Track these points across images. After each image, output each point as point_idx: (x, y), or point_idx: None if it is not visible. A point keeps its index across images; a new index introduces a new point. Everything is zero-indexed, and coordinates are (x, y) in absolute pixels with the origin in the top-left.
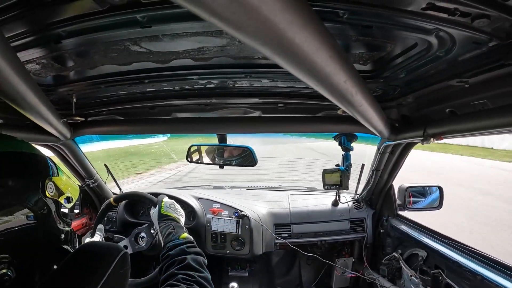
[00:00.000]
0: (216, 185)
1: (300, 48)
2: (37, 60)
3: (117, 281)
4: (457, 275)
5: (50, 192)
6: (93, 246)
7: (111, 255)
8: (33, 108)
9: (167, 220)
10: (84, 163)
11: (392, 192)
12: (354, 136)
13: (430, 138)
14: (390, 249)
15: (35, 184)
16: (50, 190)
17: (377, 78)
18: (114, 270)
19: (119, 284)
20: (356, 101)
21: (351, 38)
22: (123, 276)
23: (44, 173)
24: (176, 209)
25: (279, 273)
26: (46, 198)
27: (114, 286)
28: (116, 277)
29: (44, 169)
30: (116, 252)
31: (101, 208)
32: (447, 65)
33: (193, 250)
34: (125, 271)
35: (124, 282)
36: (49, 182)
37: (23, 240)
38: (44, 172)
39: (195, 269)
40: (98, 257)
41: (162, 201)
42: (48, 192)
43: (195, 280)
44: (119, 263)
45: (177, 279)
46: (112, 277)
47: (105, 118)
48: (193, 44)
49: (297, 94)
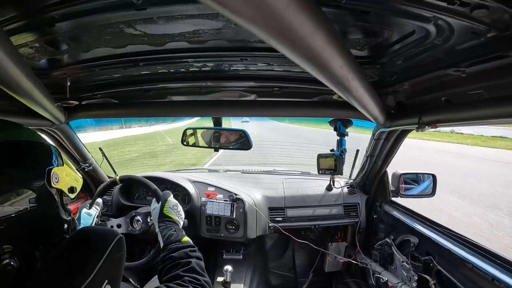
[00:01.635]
0: (211, 169)
1: (297, 32)
2: (30, 44)
3: (114, 265)
4: (448, 262)
5: (55, 182)
6: (90, 231)
7: (107, 240)
8: (26, 93)
9: (167, 221)
10: (79, 147)
11: (386, 178)
12: (350, 121)
13: (425, 126)
14: (382, 235)
15: (41, 173)
16: (55, 180)
17: (374, 64)
18: (110, 254)
19: (115, 268)
20: (352, 86)
21: (348, 23)
22: (119, 260)
23: (49, 163)
24: (179, 212)
25: (273, 257)
26: (51, 188)
27: (111, 270)
28: (113, 261)
29: (50, 159)
30: (112, 237)
31: (104, 183)
32: (444, 54)
33: (196, 255)
34: (121, 255)
35: (120, 266)
36: (54, 172)
37: (27, 230)
38: (50, 161)
39: (199, 273)
40: (95, 242)
41: (167, 200)
42: (53, 181)
43: (200, 283)
44: (115, 247)
45: (184, 281)
46: (108, 261)
47: (100, 102)
48: (189, 27)
49: (293, 78)
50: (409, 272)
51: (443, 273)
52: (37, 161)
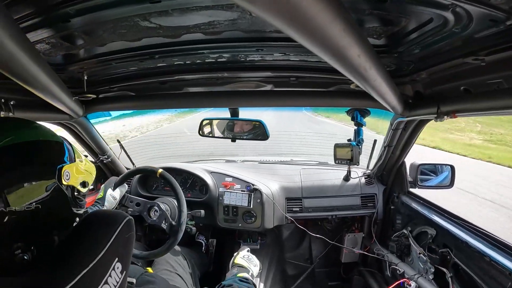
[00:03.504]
0: (228, 159)
1: (314, 21)
2: (46, 40)
3: (123, 244)
4: (465, 255)
5: (66, 179)
6: (101, 213)
7: (116, 221)
8: (44, 88)
9: (236, 266)
10: (97, 140)
11: (403, 168)
12: (367, 111)
13: (443, 116)
14: (399, 226)
15: (51, 172)
16: (66, 177)
17: (391, 53)
18: (119, 234)
19: (125, 248)
20: (370, 75)
21: (365, 12)
22: (128, 241)
23: (60, 160)
24: (251, 259)
25: (289, 247)
26: (61, 185)
27: (121, 249)
28: (122, 242)
29: (60, 156)
30: (122, 218)
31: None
32: (462, 42)
33: (243, 284)
34: (130, 236)
35: (129, 246)
36: (66, 170)
37: (39, 226)
38: (60, 159)
39: None
40: (105, 223)
41: (239, 253)
42: (64, 179)
43: None
44: (124, 228)
45: None
46: (118, 240)
47: (117, 95)
48: (204, 18)
49: (309, 67)
50: (425, 264)
51: (460, 266)
52: (48, 160)
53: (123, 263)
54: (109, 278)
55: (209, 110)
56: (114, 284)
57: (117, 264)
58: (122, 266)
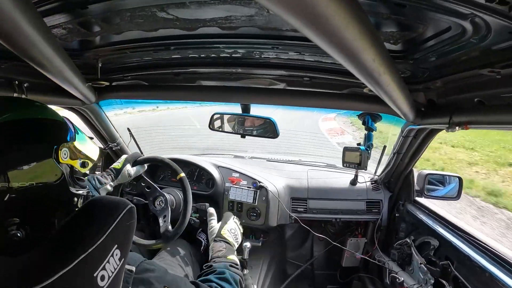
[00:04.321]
0: (237, 155)
1: (331, 22)
2: (63, 25)
3: (123, 232)
4: (466, 269)
5: (64, 158)
6: (103, 199)
7: (118, 208)
8: (59, 72)
9: (222, 241)
10: (107, 127)
11: (411, 177)
12: (379, 116)
13: (455, 126)
14: (403, 234)
15: (48, 150)
16: (63, 156)
17: (407, 59)
18: (120, 222)
19: (125, 235)
20: (384, 80)
21: (383, 16)
22: (128, 229)
23: (58, 139)
24: (236, 235)
25: (291, 246)
26: (59, 164)
27: (121, 236)
28: (122, 229)
29: (59, 134)
30: (124, 206)
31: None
32: (479, 53)
33: (234, 270)
34: (131, 224)
35: (129, 234)
36: (64, 148)
37: (34, 203)
38: (58, 137)
39: (230, 283)
40: (106, 209)
41: (227, 223)
42: (62, 157)
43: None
44: (126, 216)
45: (211, 286)
46: (118, 227)
47: (130, 83)
48: (221, 12)
49: (324, 69)
50: (426, 275)
51: (460, 280)
52: (46, 137)
53: (122, 251)
54: (107, 264)
55: (218, 104)
56: (112, 270)
57: (116, 251)
58: (121, 253)
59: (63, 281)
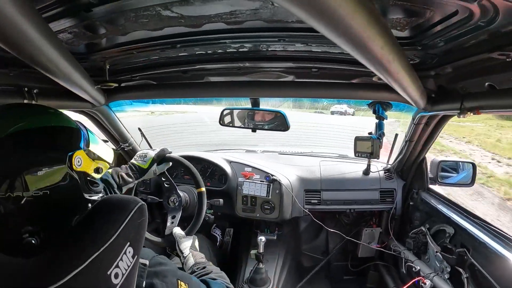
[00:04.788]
0: (248, 149)
1: (336, 11)
2: (68, 30)
3: (135, 229)
4: (482, 256)
5: (78, 165)
6: (113, 198)
7: (129, 206)
8: (67, 76)
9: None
10: (118, 128)
11: (424, 164)
12: (389, 104)
13: (467, 112)
14: (417, 223)
15: (61, 158)
16: (77, 163)
17: (415, 46)
18: (132, 219)
19: (136, 233)
20: (393, 68)
21: (389, 2)
22: (140, 226)
23: (72, 146)
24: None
25: (306, 238)
26: (72, 171)
27: (132, 233)
28: (134, 226)
29: (72, 142)
30: (134, 204)
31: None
32: (488, 36)
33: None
34: (142, 221)
35: (141, 231)
36: (77, 155)
37: (47, 210)
38: (72, 145)
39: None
40: (117, 207)
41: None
42: (75, 165)
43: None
44: (137, 213)
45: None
46: (129, 225)
47: (138, 83)
48: (225, 8)
49: (332, 59)
50: (442, 263)
51: (476, 267)
52: (59, 145)
53: (135, 248)
54: (120, 262)
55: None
56: (125, 268)
57: (129, 249)
58: (133, 251)
59: (77, 281)
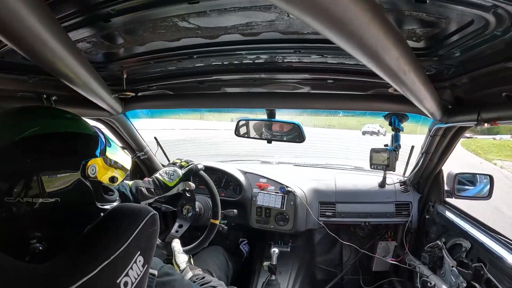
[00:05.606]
0: (263, 160)
1: (352, 22)
2: (87, 39)
3: (146, 238)
4: (500, 271)
5: (92, 174)
6: (124, 207)
7: (141, 215)
8: (85, 85)
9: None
10: (134, 136)
11: (441, 177)
12: (405, 116)
13: (484, 123)
14: (434, 237)
15: (75, 165)
16: (91, 172)
17: (431, 56)
18: (143, 228)
19: (148, 242)
20: (409, 79)
21: (404, 13)
22: (151, 235)
23: (87, 154)
24: None
25: (320, 251)
26: (86, 179)
27: (143, 242)
28: (145, 235)
29: (88, 149)
30: (146, 213)
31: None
32: (504, 45)
33: None
34: (154, 230)
35: (153, 240)
36: (92, 164)
37: (57, 218)
38: (87, 152)
39: None
40: (129, 216)
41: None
42: (89, 173)
43: None
44: (148, 222)
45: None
46: (141, 234)
47: (155, 93)
48: (241, 19)
49: (347, 70)
50: (458, 278)
51: (493, 282)
52: (73, 152)
53: (145, 257)
54: (130, 270)
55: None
56: (135, 276)
57: (139, 258)
58: (144, 260)
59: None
